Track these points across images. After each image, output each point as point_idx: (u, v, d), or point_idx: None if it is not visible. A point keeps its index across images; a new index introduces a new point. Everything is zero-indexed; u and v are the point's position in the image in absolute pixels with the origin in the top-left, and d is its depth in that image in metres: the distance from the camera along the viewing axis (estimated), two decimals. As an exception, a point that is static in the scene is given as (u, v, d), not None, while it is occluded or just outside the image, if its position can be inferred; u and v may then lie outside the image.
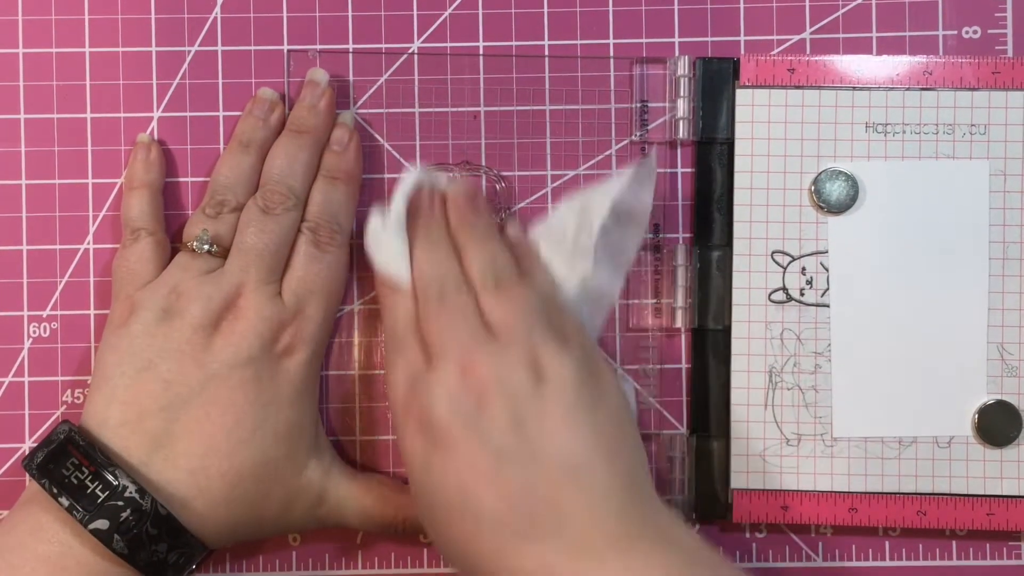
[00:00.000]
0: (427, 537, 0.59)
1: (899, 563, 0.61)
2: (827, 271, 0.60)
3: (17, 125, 0.62)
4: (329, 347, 0.61)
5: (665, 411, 0.62)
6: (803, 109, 0.60)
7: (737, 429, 0.60)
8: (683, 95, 0.61)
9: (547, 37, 0.62)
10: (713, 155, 0.61)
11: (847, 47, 0.62)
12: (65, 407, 0.61)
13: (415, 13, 0.62)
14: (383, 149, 0.62)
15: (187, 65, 0.62)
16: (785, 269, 0.60)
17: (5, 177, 0.62)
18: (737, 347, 0.60)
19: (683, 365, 0.62)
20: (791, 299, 0.60)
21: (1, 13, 0.62)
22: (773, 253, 0.60)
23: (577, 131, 0.62)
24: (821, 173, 0.60)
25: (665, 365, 0.62)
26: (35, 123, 0.62)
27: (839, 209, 0.60)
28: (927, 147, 0.60)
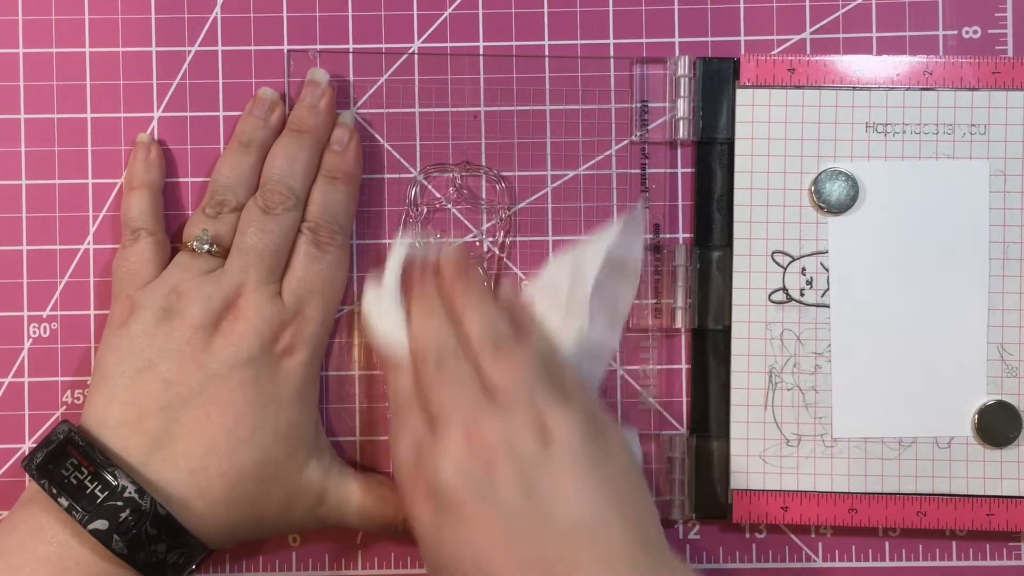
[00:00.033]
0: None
1: (899, 563, 0.61)
2: (827, 271, 0.60)
3: (17, 125, 0.62)
4: (329, 347, 0.61)
5: (665, 411, 0.62)
6: (803, 109, 0.60)
7: (737, 429, 0.60)
8: (683, 95, 0.61)
9: (547, 37, 0.62)
10: (713, 155, 0.61)
11: (847, 47, 0.61)
12: (65, 407, 0.61)
13: (415, 13, 0.62)
14: (383, 149, 0.62)
15: (187, 65, 0.62)
16: (785, 269, 0.60)
17: (5, 177, 0.62)
18: (737, 347, 0.60)
19: (683, 365, 0.62)
20: (791, 299, 0.60)
21: (1, 13, 0.62)
22: (773, 253, 0.60)
23: (577, 131, 0.62)
24: (821, 173, 0.60)
25: (665, 365, 0.62)
26: (35, 123, 0.62)
27: (839, 209, 0.60)
28: (927, 147, 0.60)
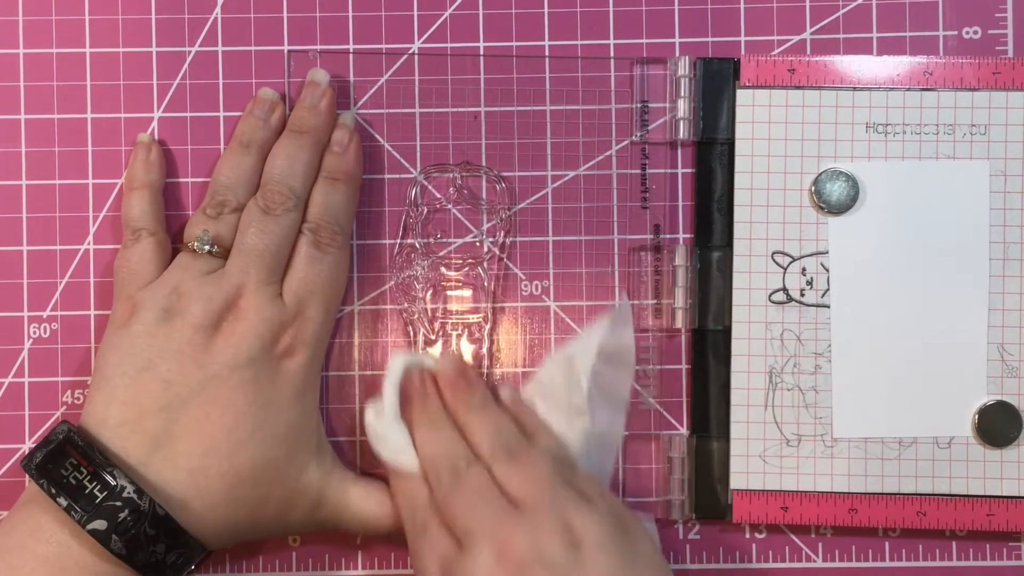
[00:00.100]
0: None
1: (899, 564, 0.61)
2: (827, 271, 0.60)
3: (17, 125, 0.62)
4: (329, 347, 0.61)
5: (665, 411, 0.62)
6: (803, 109, 0.60)
7: (737, 429, 0.60)
8: (683, 95, 0.61)
9: (547, 37, 0.62)
10: (713, 155, 0.61)
11: (847, 47, 0.61)
12: (65, 407, 0.61)
13: (415, 13, 0.62)
14: (383, 149, 0.62)
15: (187, 65, 0.62)
16: (785, 269, 0.60)
17: (5, 177, 0.62)
18: (737, 348, 0.60)
19: (683, 365, 0.62)
20: (791, 299, 0.60)
21: (1, 13, 0.62)
22: (773, 253, 0.60)
23: (577, 131, 0.62)
24: (821, 173, 0.60)
25: (665, 365, 0.62)
26: (35, 123, 0.62)
27: (839, 209, 0.60)
28: (927, 147, 0.60)
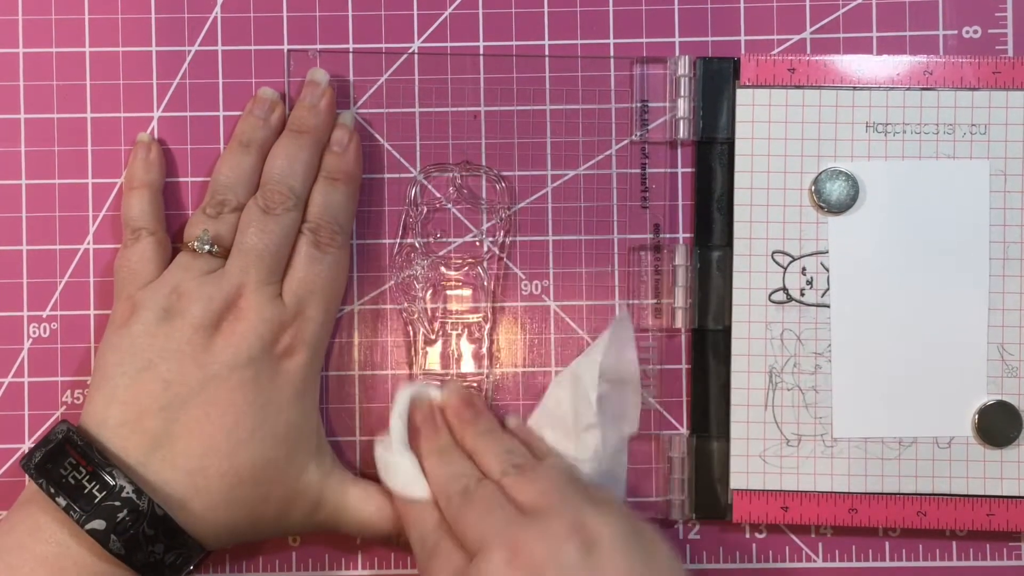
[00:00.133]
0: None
1: (899, 564, 0.61)
2: (827, 271, 0.60)
3: (17, 125, 0.62)
4: (329, 347, 0.61)
5: (665, 411, 0.62)
6: (803, 109, 0.60)
7: (737, 429, 0.60)
8: (683, 95, 0.61)
9: (547, 37, 0.62)
10: (713, 155, 0.61)
11: (847, 47, 0.61)
12: (65, 407, 0.61)
13: (415, 13, 0.62)
14: (383, 149, 0.62)
15: (187, 65, 0.62)
16: (785, 269, 0.60)
17: (5, 177, 0.62)
18: (737, 347, 0.60)
19: (683, 365, 0.62)
20: (791, 299, 0.60)
21: (1, 13, 0.62)
22: (773, 253, 0.60)
23: (577, 131, 0.61)
24: (821, 173, 0.60)
25: (665, 365, 0.62)
26: (35, 123, 0.62)
27: (839, 209, 0.60)
28: (927, 147, 0.60)
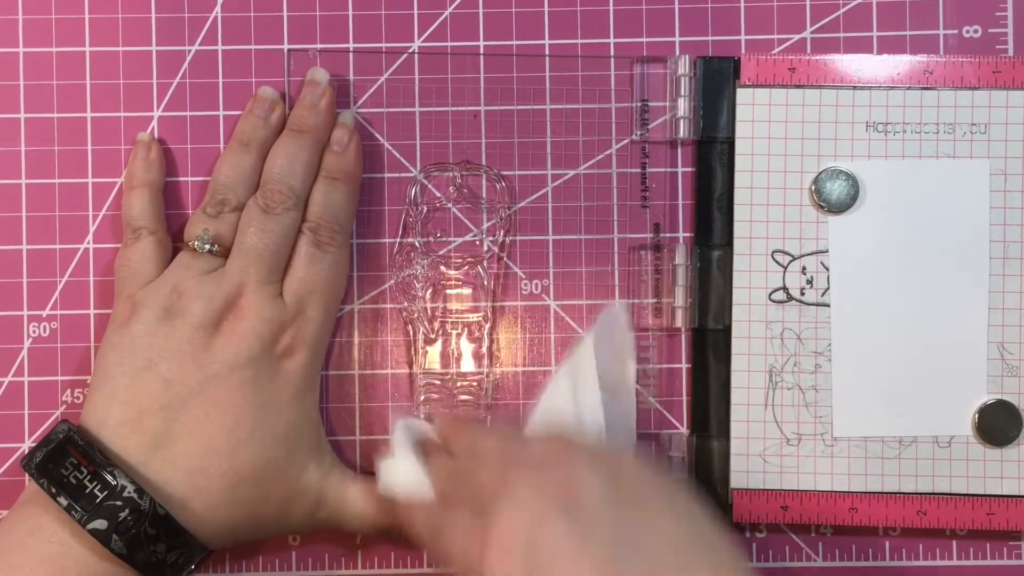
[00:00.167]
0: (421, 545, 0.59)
1: (899, 563, 0.61)
2: (827, 271, 0.60)
3: (17, 125, 0.62)
4: (329, 347, 0.61)
5: (665, 411, 0.62)
6: (803, 108, 0.60)
7: (737, 429, 0.60)
8: (684, 94, 0.61)
9: (547, 36, 0.62)
10: (713, 154, 0.61)
11: (848, 46, 0.61)
12: (65, 407, 0.61)
13: (415, 12, 0.62)
14: (383, 149, 0.62)
15: (187, 64, 0.62)
16: (785, 269, 0.60)
17: (5, 177, 0.62)
18: (737, 347, 0.60)
19: (683, 365, 0.62)
20: (791, 299, 0.60)
21: (1, 13, 0.62)
22: (773, 253, 0.60)
23: (577, 130, 0.61)
24: (821, 172, 0.60)
25: (665, 365, 0.62)
26: (35, 123, 0.62)
27: (839, 208, 0.60)
28: (927, 146, 0.60)
